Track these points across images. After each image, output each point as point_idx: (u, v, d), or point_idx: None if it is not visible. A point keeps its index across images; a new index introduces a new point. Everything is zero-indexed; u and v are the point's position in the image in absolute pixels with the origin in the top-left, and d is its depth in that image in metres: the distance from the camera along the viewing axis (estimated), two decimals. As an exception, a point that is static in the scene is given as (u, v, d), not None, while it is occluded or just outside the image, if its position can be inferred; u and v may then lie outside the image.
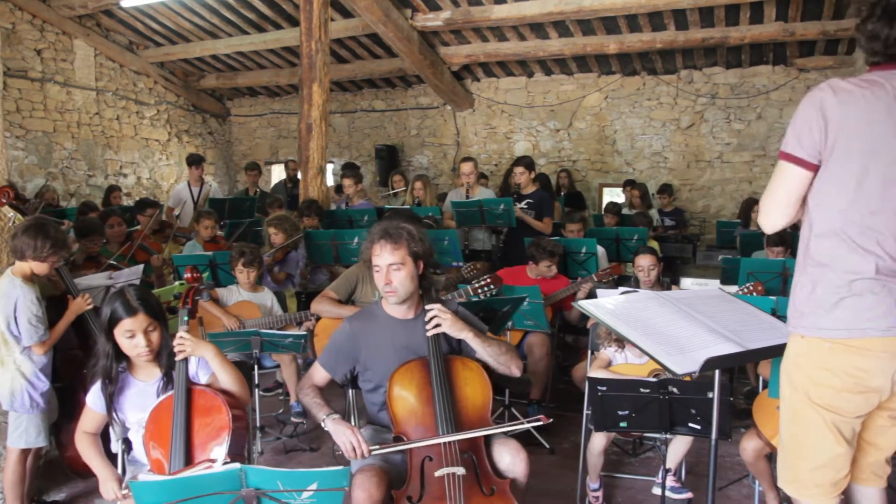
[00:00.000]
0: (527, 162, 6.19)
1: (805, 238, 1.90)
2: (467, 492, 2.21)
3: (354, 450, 2.26)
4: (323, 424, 2.39)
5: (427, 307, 2.48)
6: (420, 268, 2.54)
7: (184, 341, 2.28)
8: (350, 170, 7.73)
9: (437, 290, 3.00)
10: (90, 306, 3.32)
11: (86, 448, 2.38)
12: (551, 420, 2.37)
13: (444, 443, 2.27)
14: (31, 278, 3.09)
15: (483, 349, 2.51)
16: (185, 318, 2.43)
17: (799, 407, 1.88)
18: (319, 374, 2.62)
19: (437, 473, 2.23)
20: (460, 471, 2.22)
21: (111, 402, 2.33)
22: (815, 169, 1.82)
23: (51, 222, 3.16)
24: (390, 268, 2.46)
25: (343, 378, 2.64)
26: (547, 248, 4.54)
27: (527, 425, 2.38)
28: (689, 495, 3.26)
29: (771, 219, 1.90)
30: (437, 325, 2.44)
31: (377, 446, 2.30)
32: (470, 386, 2.44)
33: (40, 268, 3.07)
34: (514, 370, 2.57)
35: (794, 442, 1.92)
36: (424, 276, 2.57)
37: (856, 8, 1.99)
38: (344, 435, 2.29)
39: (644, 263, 4.22)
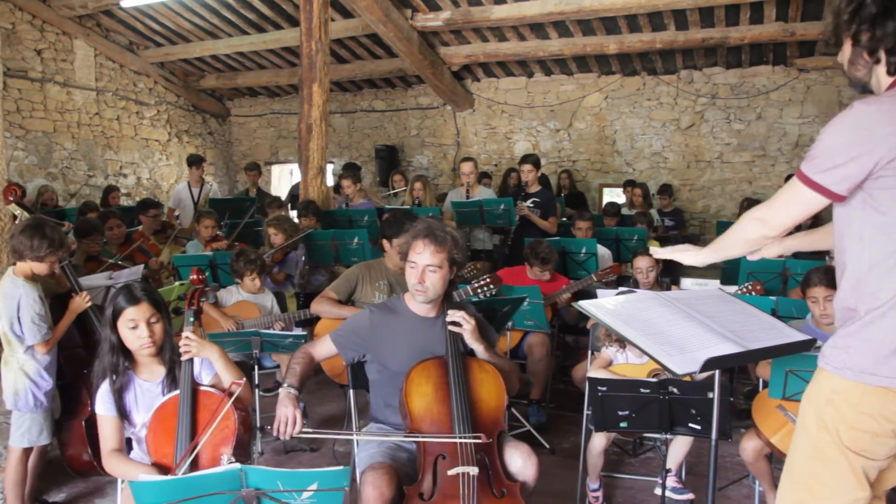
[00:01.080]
0: (534, 160, 6.20)
1: (863, 267, 1.67)
2: (479, 492, 2.22)
3: (286, 426, 2.27)
4: (281, 389, 2.41)
5: (450, 312, 2.51)
6: (453, 273, 2.57)
7: (190, 342, 2.29)
8: (349, 170, 7.73)
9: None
10: (89, 304, 3.33)
11: (118, 466, 2.26)
12: (490, 440, 2.35)
13: (461, 442, 2.27)
14: (32, 277, 3.10)
15: (491, 363, 2.55)
16: (192, 319, 2.44)
17: (825, 447, 1.71)
18: (325, 347, 2.62)
19: (451, 472, 2.24)
20: (474, 470, 2.23)
21: (119, 397, 2.32)
22: (843, 200, 1.64)
23: (48, 222, 3.18)
24: (427, 268, 2.48)
25: (351, 360, 2.65)
26: (540, 255, 4.52)
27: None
28: (690, 496, 3.26)
29: (781, 227, 1.75)
30: (458, 325, 2.47)
31: (309, 430, 2.34)
32: (485, 388, 2.46)
33: (40, 268, 3.08)
34: (513, 389, 2.63)
35: (813, 481, 1.74)
36: (452, 280, 2.61)
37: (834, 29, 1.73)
38: (285, 409, 2.29)
39: (642, 265, 4.22)
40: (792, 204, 1.71)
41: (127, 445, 2.45)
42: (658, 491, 3.31)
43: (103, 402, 2.32)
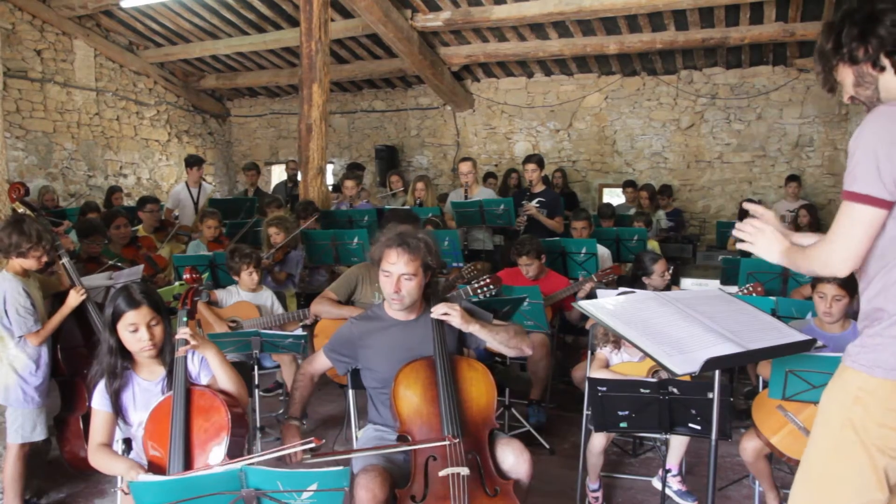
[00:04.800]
0: (538, 159, 6.20)
1: (889, 266, 1.67)
2: (471, 492, 2.21)
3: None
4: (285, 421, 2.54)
5: (433, 309, 2.50)
6: (428, 277, 2.56)
7: (190, 336, 2.28)
8: (352, 171, 7.73)
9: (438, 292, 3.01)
10: (83, 297, 3.34)
11: (102, 460, 2.24)
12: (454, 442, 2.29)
13: (449, 444, 2.27)
14: (25, 274, 3.15)
15: (492, 338, 2.54)
16: (185, 319, 2.43)
17: (847, 445, 1.69)
18: (320, 361, 2.67)
19: (442, 473, 2.23)
20: (464, 471, 2.22)
21: (116, 398, 2.33)
22: (891, 206, 1.60)
23: (27, 218, 3.23)
24: (402, 277, 2.46)
25: (345, 371, 2.68)
26: (527, 245, 4.48)
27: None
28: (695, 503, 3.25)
29: (847, 259, 1.66)
30: (445, 314, 2.46)
31: (310, 459, 2.22)
32: (475, 387, 2.45)
33: (27, 263, 3.13)
34: (527, 349, 2.62)
35: (831, 480, 1.73)
36: (429, 283, 2.59)
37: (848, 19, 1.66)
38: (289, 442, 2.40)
39: (659, 270, 4.16)
40: (851, 230, 1.63)
41: (127, 445, 2.46)
42: (656, 484, 3.30)
43: (100, 398, 2.33)
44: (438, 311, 2.46)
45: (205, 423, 2.21)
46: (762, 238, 1.88)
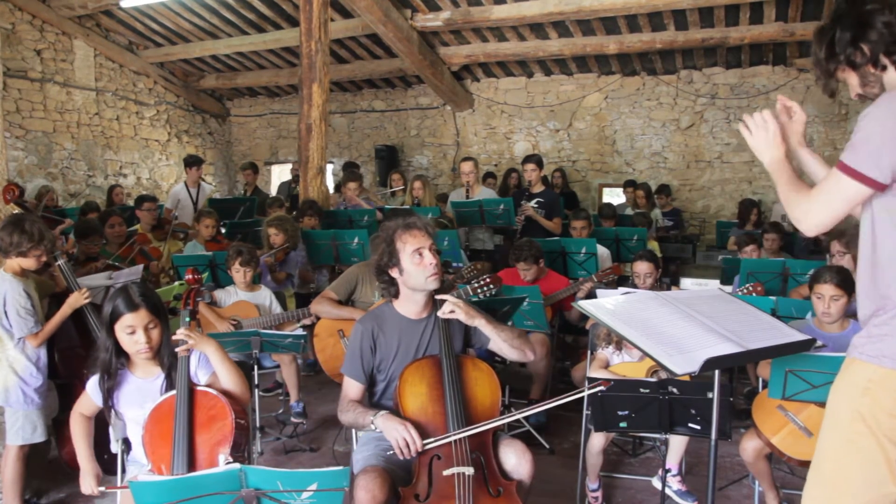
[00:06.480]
0: (537, 160, 6.20)
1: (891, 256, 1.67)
2: (475, 492, 2.21)
3: (408, 446, 2.23)
4: (371, 426, 2.35)
5: (439, 297, 2.50)
6: None
7: (188, 335, 2.28)
8: (350, 173, 7.72)
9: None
10: (88, 300, 3.33)
11: (77, 429, 2.41)
12: (612, 383, 2.40)
13: (455, 442, 2.28)
14: (23, 274, 3.13)
15: (496, 335, 2.54)
16: (187, 319, 2.43)
17: (858, 438, 1.66)
18: (353, 388, 2.57)
19: (446, 472, 2.23)
20: (469, 470, 2.22)
21: (109, 396, 2.33)
22: (884, 190, 1.61)
23: (28, 217, 3.20)
24: (432, 248, 2.49)
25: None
26: (524, 251, 4.47)
27: (585, 392, 2.33)
28: None
29: (820, 225, 1.68)
30: (452, 311, 2.45)
31: (431, 439, 2.27)
32: (480, 386, 2.46)
33: (27, 263, 3.10)
34: (529, 353, 2.61)
35: (843, 474, 1.70)
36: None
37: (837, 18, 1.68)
38: (396, 431, 2.25)
39: (641, 270, 4.20)
40: (834, 199, 1.64)
41: (126, 445, 2.46)
42: (656, 484, 3.30)
43: (93, 388, 2.36)
44: (445, 309, 2.47)
45: (208, 424, 2.20)
46: (763, 134, 1.87)
